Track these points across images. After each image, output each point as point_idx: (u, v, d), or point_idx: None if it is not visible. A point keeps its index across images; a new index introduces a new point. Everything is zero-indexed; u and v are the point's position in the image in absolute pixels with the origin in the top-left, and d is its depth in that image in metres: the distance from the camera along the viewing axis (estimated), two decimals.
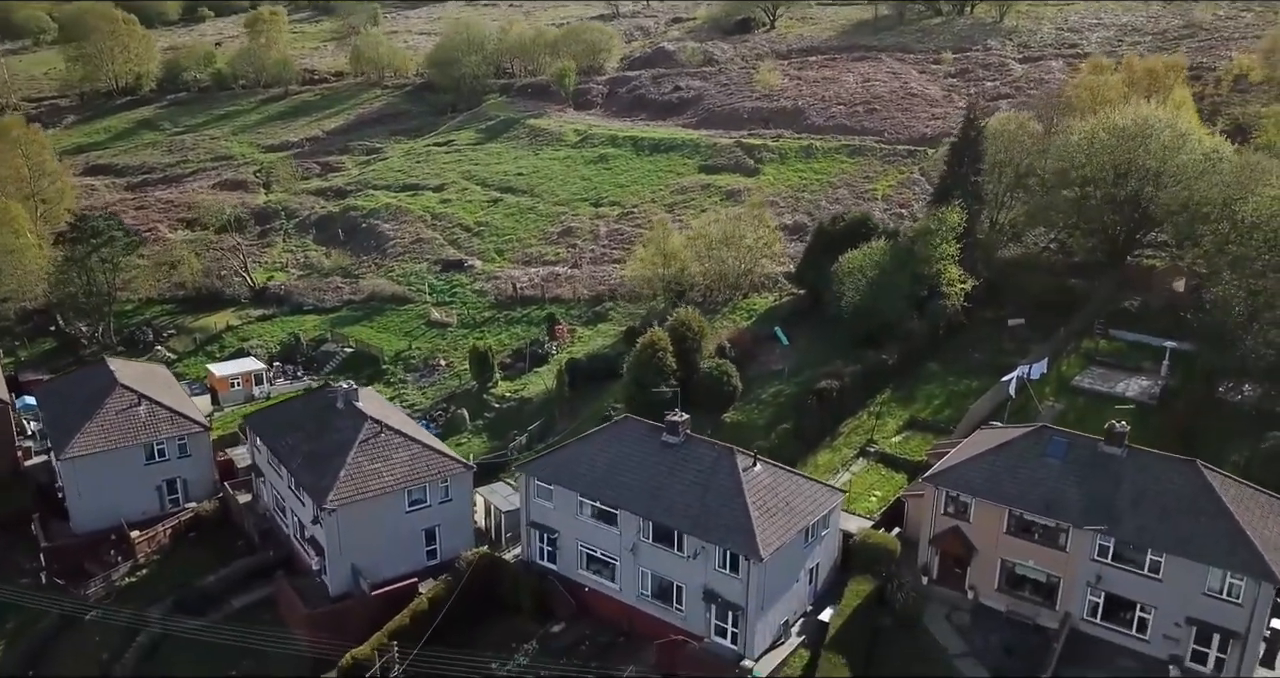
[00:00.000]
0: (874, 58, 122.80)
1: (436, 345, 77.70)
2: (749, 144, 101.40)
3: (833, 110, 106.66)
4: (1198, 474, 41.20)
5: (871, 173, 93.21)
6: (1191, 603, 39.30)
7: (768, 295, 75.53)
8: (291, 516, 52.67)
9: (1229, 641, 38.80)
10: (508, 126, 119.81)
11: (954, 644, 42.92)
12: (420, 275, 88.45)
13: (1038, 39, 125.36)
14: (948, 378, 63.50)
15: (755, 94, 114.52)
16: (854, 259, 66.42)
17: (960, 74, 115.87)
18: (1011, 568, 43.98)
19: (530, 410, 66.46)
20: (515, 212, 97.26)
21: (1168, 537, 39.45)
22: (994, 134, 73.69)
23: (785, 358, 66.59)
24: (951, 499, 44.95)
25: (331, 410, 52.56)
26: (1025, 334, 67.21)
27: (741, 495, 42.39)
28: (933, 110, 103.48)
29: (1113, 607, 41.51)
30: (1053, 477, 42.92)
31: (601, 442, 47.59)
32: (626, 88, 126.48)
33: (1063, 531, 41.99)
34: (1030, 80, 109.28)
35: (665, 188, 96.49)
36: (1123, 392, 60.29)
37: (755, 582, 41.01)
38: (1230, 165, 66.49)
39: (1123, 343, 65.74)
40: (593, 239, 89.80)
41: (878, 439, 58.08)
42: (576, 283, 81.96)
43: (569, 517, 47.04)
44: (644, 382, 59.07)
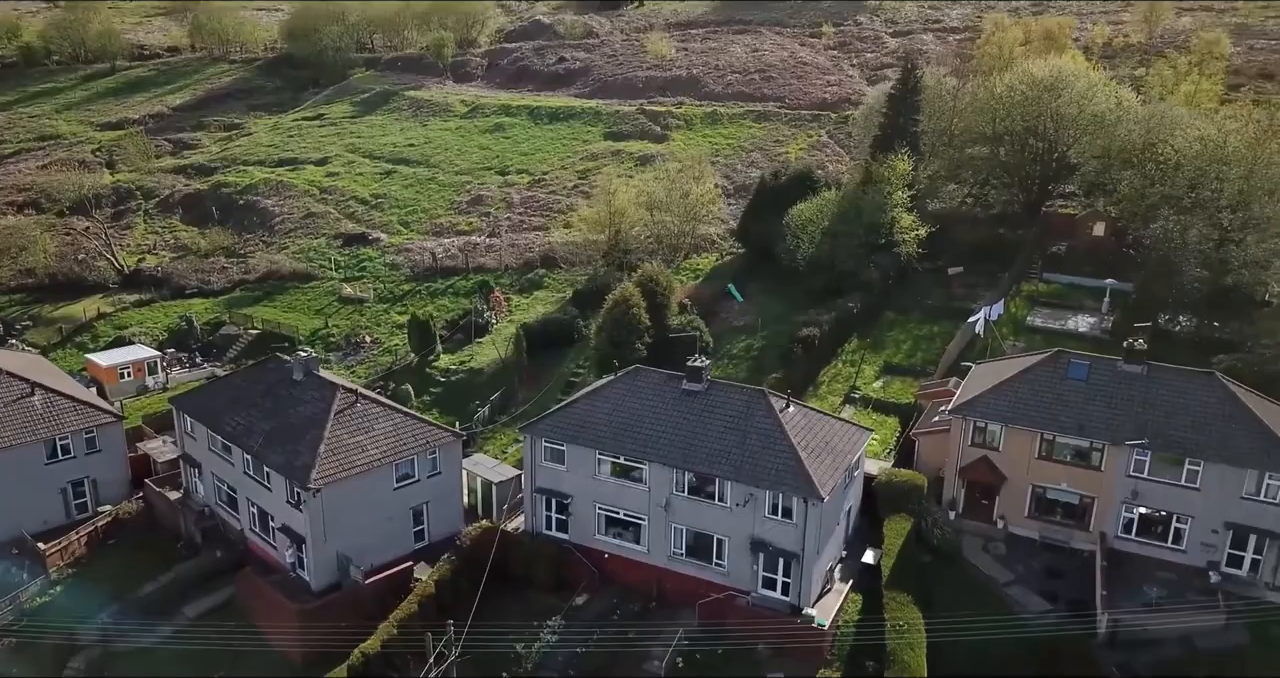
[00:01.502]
0: (754, 31, 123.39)
1: (356, 322, 71.00)
2: (652, 111, 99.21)
3: (729, 79, 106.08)
4: (1219, 385, 42.33)
5: (780, 137, 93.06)
6: (1229, 509, 40.16)
7: (708, 255, 73.55)
8: (249, 506, 45.93)
9: (1265, 541, 39.92)
10: (385, 99, 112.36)
11: (999, 574, 42.27)
12: (320, 251, 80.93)
13: (903, 14, 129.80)
14: (907, 325, 63.56)
15: (647, 64, 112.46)
16: (805, 211, 65.48)
17: (840, 46, 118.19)
18: (1042, 494, 43.83)
19: (482, 382, 61.52)
20: (414, 183, 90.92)
21: (1205, 445, 40.16)
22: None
23: (743, 314, 64.81)
24: (979, 430, 44.33)
25: (289, 383, 46.20)
26: (968, 281, 68.46)
27: (786, 437, 39.97)
28: (826, 78, 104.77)
29: (1147, 522, 42.01)
30: (1079, 398, 43.02)
31: (614, 395, 43.89)
32: (508, 59, 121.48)
33: (1097, 450, 42.12)
34: (914, 51, 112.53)
35: (573, 155, 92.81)
36: (1074, 329, 62.15)
37: (813, 526, 38.72)
38: (1140, 114, 70.05)
39: (1058, 285, 67.98)
40: (507, 207, 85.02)
41: (860, 386, 57.23)
42: (500, 252, 77.11)
43: (585, 478, 43.15)
44: (618, 339, 55.64)
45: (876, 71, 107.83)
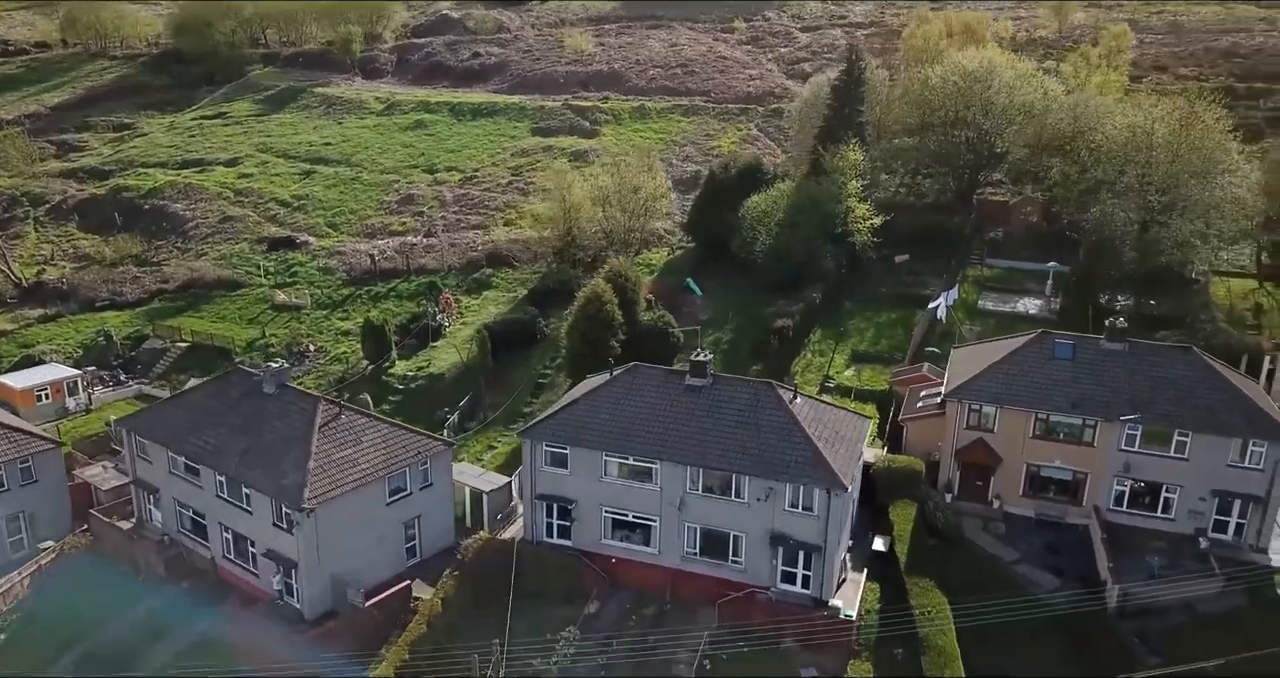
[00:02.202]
0: (668, 26, 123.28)
1: (296, 330, 67.06)
2: (579, 106, 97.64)
3: (651, 73, 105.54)
4: (1197, 359, 44.18)
5: (710, 131, 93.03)
6: (1215, 477, 41.88)
7: (658, 250, 72.71)
8: (222, 532, 42.48)
9: (1249, 506, 41.84)
10: (292, 96, 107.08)
11: (1004, 553, 42.96)
12: (245, 256, 76.20)
13: (809, 11, 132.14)
14: (866, 313, 64.29)
15: (566, 59, 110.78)
16: (760, 203, 65.44)
17: (754, 41, 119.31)
18: (1036, 472, 44.81)
19: (444, 387, 58.97)
20: (337, 183, 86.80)
21: (1191, 417, 41.78)
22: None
23: (705, 308, 64.28)
24: (974, 412, 44.99)
25: (260, 397, 42.94)
26: (915, 268, 69.82)
27: (800, 428, 39.52)
28: (747, 72, 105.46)
29: (1138, 493, 43.47)
30: (1068, 377, 44.17)
31: (614, 394, 42.54)
32: (419, 55, 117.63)
33: (1090, 426, 43.32)
34: (821, 46, 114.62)
35: (503, 151, 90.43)
36: (1024, 311, 64.16)
37: (835, 517, 38.40)
38: (1067, 103, 72.91)
39: (1000, 269, 70.06)
40: (440, 206, 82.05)
41: (833, 375, 57.49)
42: (441, 252, 74.29)
43: (591, 481, 41.66)
44: (592, 337, 54.12)
45: (793, 66, 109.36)
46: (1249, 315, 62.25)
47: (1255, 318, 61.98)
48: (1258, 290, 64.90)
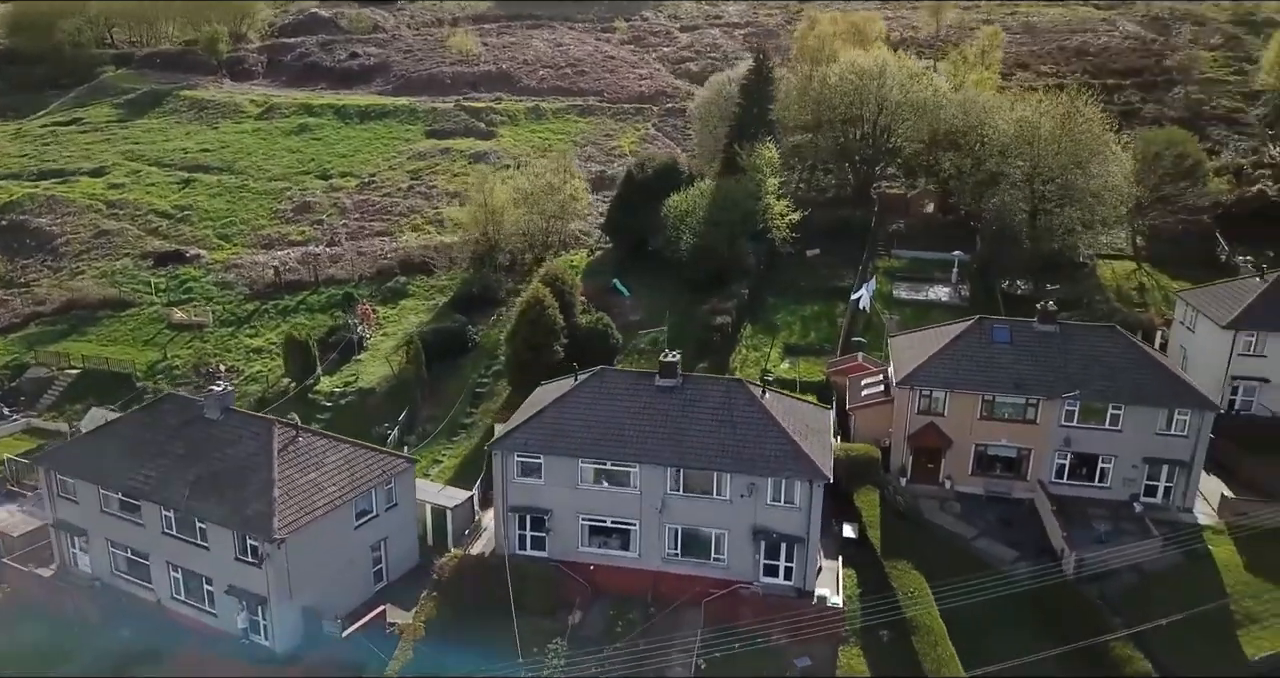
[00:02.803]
0: (548, 26, 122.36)
1: (201, 350, 62.77)
2: (472, 107, 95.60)
3: (541, 73, 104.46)
4: (1121, 337, 47.43)
5: (609, 130, 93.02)
6: (1146, 445, 45.07)
7: (577, 251, 72.06)
8: (169, 572, 39.28)
9: (1175, 470, 45.26)
10: (157, 100, 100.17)
11: (964, 530, 44.86)
12: (130, 273, 70.74)
13: (685, 10, 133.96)
14: (789, 306, 65.70)
15: (450, 59, 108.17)
16: (680, 203, 65.82)
17: (635, 41, 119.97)
18: (984, 451, 47.01)
19: (377, 402, 56.53)
20: (222, 191, 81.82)
21: (1124, 391, 44.81)
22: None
23: (635, 308, 64.14)
24: (925, 397, 46.77)
25: (203, 424, 39.96)
26: (828, 261, 71.89)
27: (775, 423, 40.05)
28: (637, 71, 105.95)
29: (1077, 465, 46.28)
30: (1008, 359, 46.55)
31: (585, 400, 41.90)
32: (292, 55, 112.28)
33: (1033, 405, 45.79)
34: (703, 46, 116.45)
35: (398, 155, 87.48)
36: (936, 298, 67.12)
37: (816, 508, 39.12)
38: (957, 99, 76.73)
39: (906, 259, 73.04)
40: (340, 213, 78.59)
41: (770, 368, 58.46)
42: (350, 261, 71.17)
43: (566, 490, 40.89)
44: (535, 343, 53.10)
45: (678, 65, 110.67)
46: (1134, 294, 67.23)
47: (1140, 296, 67.01)
48: (1137, 271, 70.19)
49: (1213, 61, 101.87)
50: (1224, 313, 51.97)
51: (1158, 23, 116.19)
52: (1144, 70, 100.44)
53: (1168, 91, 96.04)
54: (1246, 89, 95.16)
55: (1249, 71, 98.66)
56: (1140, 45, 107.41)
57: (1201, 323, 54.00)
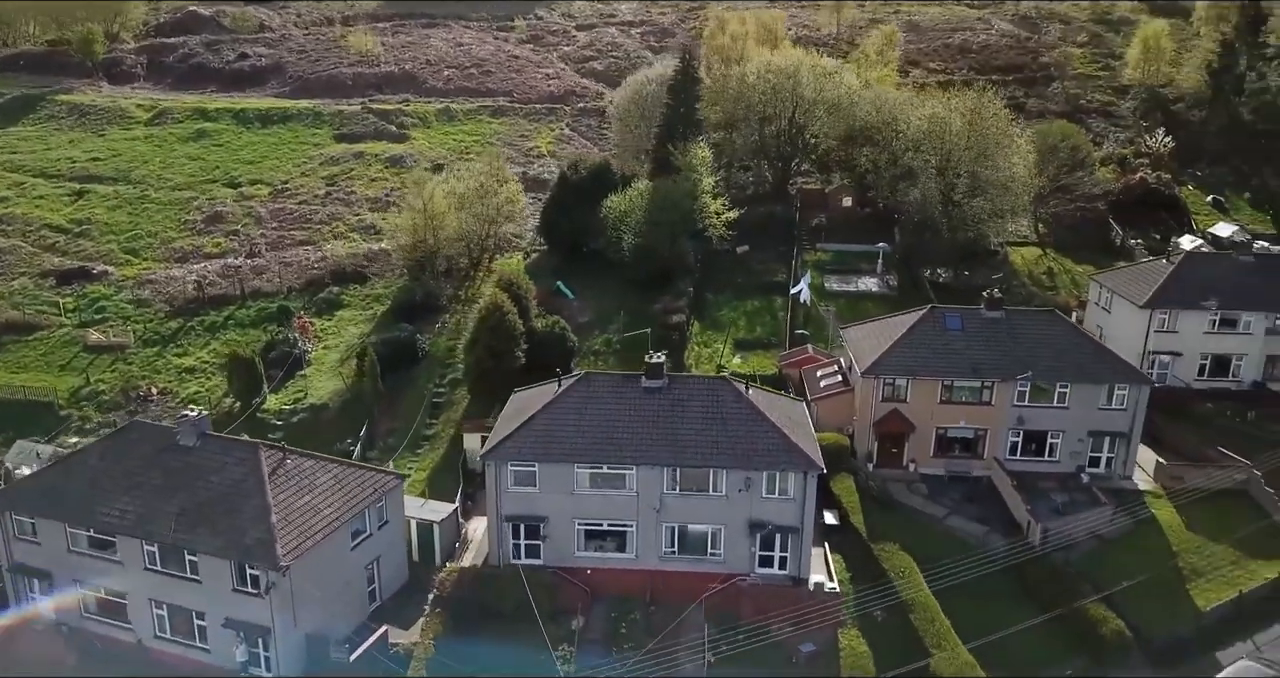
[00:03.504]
0: (445, 25, 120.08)
1: (126, 373, 59.14)
2: (381, 109, 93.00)
3: (447, 74, 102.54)
4: (1060, 320, 50.89)
5: (523, 131, 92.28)
6: (1090, 420, 48.45)
7: (513, 255, 71.44)
8: (153, 609, 37.18)
9: (1116, 441, 48.87)
10: (29, 105, 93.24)
11: (935, 510, 47.18)
12: (31, 293, 65.90)
13: (579, 9, 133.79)
14: (730, 303, 67.14)
15: (349, 60, 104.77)
16: (620, 203, 66.21)
17: (534, 40, 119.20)
18: (944, 434, 49.52)
19: (330, 418, 54.73)
20: (121, 203, 77.07)
21: (1069, 370, 48.03)
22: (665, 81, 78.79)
23: (582, 310, 64.17)
24: (889, 385, 48.88)
25: (179, 452, 37.96)
26: (759, 257, 73.75)
27: (765, 418, 41.16)
28: (543, 71, 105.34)
29: (1028, 441, 49.32)
30: (962, 345, 49.19)
31: (573, 405, 41.95)
32: (175, 56, 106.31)
33: (988, 387, 48.52)
34: (604, 45, 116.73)
35: (309, 160, 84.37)
36: (867, 289, 69.88)
37: (810, 498, 40.46)
38: (868, 97, 79.84)
39: (832, 253, 75.62)
40: (256, 223, 75.29)
41: (725, 364, 59.67)
42: (276, 272, 68.35)
43: (561, 495, 40.88)
44: (497, 349, 52.56)
45: (582, 65, 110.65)
46: (1045, 278, 71.92)
47: (1050, 280, 71.73)
48: (1044, 256, 75.02)
49: (1083, 58, 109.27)
50: (1139, 294, 56.30)
51: (1028, 21, 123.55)
52: (1023, 67, 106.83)
53: (1047, 87, 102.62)
54: (1116, 84, 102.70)
55: (1115, 67, 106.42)
56: (1016, 42, 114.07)
57: (1118, 303, 58.30)
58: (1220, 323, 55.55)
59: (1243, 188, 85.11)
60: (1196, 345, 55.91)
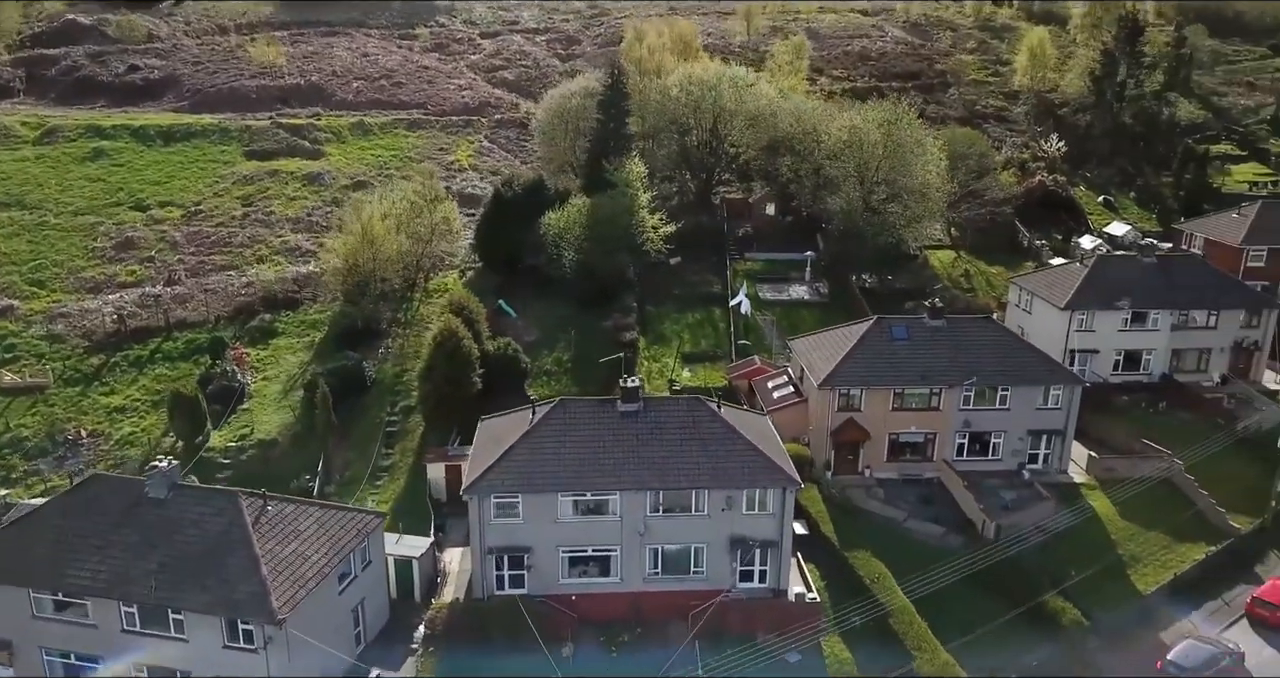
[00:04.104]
0: (344, 33, 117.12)
1: (50, 416, 55.89)
2: (291, 124, 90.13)
3: (356, 85, 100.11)
4: (997, 326, 53.92)
5: (442, 145, 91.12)
6: (1029, 419, 51.52)
7: (449, 274, 70.59)
8: (134, 672, 35.48)
9: (1053, 438, 52.10)
10: None
11: (894, 514, 49.22)
12: None
13: (479, 16, 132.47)
14: (671, 316, 68.15)
15: (251, 72, 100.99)
16: (558, 220, 66.30)
17: (438, 48, 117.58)
18: (896, 439, 51.76)
19: (282, 454, 53.15)
20: (18, 230, 72.64)
21: (1010, 374, 50.92)
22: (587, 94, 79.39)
23: (527, 329, 63.99)
24: (844, 396, 50.75)
25: (151, 505, 36.34)
26: (693, 268, 74.96)
27: (740, 436, 42.22)
28: (455, 82, 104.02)
29: (973, 442, 52.06)
30: (909, 353, 51.50)
31: (551, 433, 42.08)
32: (57, 69, 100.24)
33: (936, 393, 50.96)
34: (512, 53, 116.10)
35: (221, 179, 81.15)
36: (799, 297, 72.00)
37: (789, 512, 41.77)
38: (788, 108, 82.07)
39: (760, 261, 77.53)
40: (172, 249, 72.05)
41: (676, 377, 60.58)
42: (201, 301, 65.64)
43: (545, 524, 41.01)
44: (454, 376, 52.05)
45: (491, 74, 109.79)
46: (963, 281, 75.65)
47: (968, 282, 75.48)
48: (958, 259, 78.84)
49: (974, 65, 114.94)
50: (1059, 296, 60.00)
51: (918, 28, 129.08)
52: (921, 74, 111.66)
53: (945, 93, 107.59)
54: (1006, 89, 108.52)
55: (1004, 74, 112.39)
56: (911, 50, 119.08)
57: (1039, 305, 61.96)
58: (1132, 321, 59.78)
59: (1128, 187, 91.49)
60: (1112, 343, 60.01)
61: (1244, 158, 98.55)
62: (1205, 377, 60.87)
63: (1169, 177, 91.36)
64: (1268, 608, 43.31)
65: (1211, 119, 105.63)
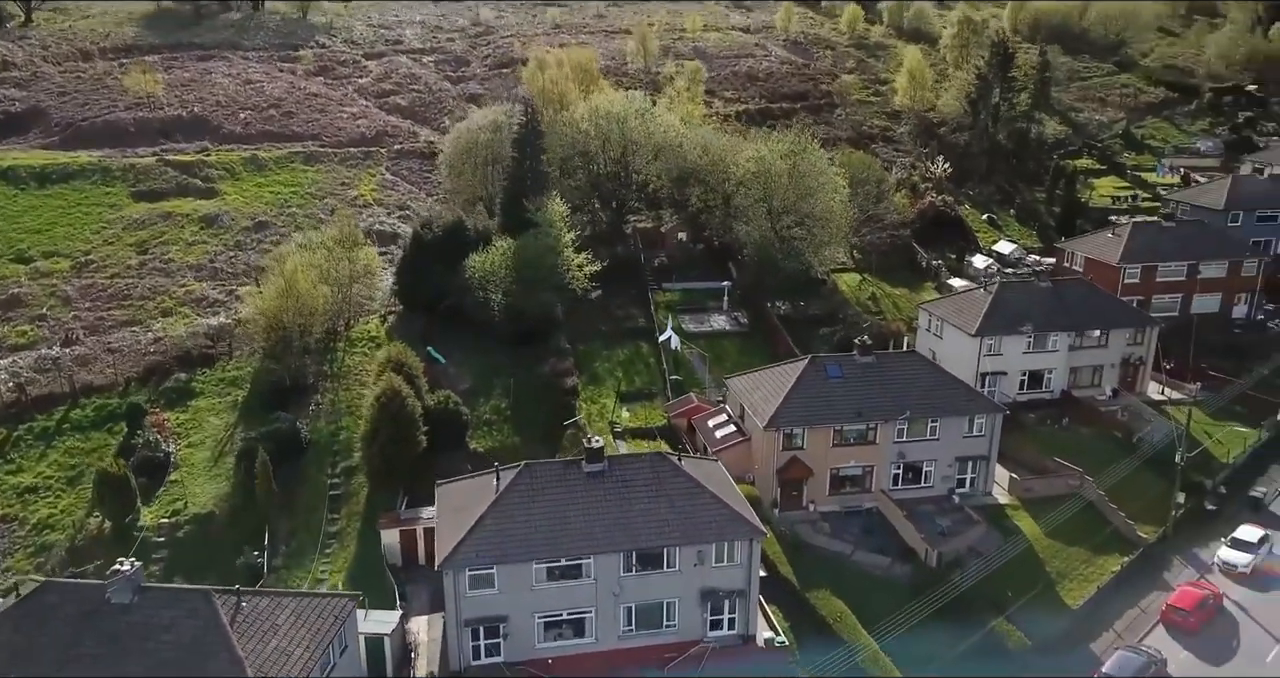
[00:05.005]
0: (221, 57, 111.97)
1: None
2: (179, 161, 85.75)
3: (243, 116, 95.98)
4: (921, 359, 57.04)
5: (343, 179, 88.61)
6: (956, 447, 54.77)
7: (370, 320, 68.94)
8: None
9: (978, 464, 55.53)
10: None
11: (841, 547, 51.43)
12: None
13: (360, 35, 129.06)
14: (600, 353, 68.73)
15: (126, 103, 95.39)
16: (483, 262, 65.87)
17: (323, 71, 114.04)
18: (837, 473, 54.10)
19: (221, 527, 50.98)
20: None
21: (938, 406, 54.00)
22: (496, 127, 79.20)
23: (460, 377, 63.35)
24: (788, 436, 52.70)
25: (115, 612, 34.55)
26: (614, 302, 75.53)
27: (706, 489, 43.44)
28: (348, 111, 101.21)
29: (907, 471, 54.93)
30: (845, 391, 53.93)
31: (519, 500, 42.17)
32: None
33: (872, 428, 53.53)
34: (402, 76, 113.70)
35: (108, 225, 76.61)
36: (721, 328, 73.80)
37: (756, 561, 43.24)
38: (695, 138, 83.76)
39: (678, 292, 78.89)
40: (64, 304, 67.70)
41: (616, 420, 61.22)
42: (102, 362, 62.04)
43: (521, 593, 41.17)
44: (399, 437, 51.21)
45: (383, 100, 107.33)
46: (871, 304, 79.16)
47: (876, 305, 79.03)
48: (864, 282, 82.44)
49: (857, 85, 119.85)
50: (969, 323, 63.85)
51: (799, 47, 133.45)
52: (808, 94, 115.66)
53: (832, 113, 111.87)
54: (888, 109, 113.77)
55: (884, 93, 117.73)
56: (796, 69, 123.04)
57: (949, 331, 65.74)
58: (1034, 343, 64.22)
59: (1008, 205, 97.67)
60: (1017, 364, 64.33)
61: (1104, 172, 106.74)
62: (1099, 391, 65.97)
63: (1042, 192, 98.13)
64: (1180, 614, 47.61)
65: (1072, 135, 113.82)
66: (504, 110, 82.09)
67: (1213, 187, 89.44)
